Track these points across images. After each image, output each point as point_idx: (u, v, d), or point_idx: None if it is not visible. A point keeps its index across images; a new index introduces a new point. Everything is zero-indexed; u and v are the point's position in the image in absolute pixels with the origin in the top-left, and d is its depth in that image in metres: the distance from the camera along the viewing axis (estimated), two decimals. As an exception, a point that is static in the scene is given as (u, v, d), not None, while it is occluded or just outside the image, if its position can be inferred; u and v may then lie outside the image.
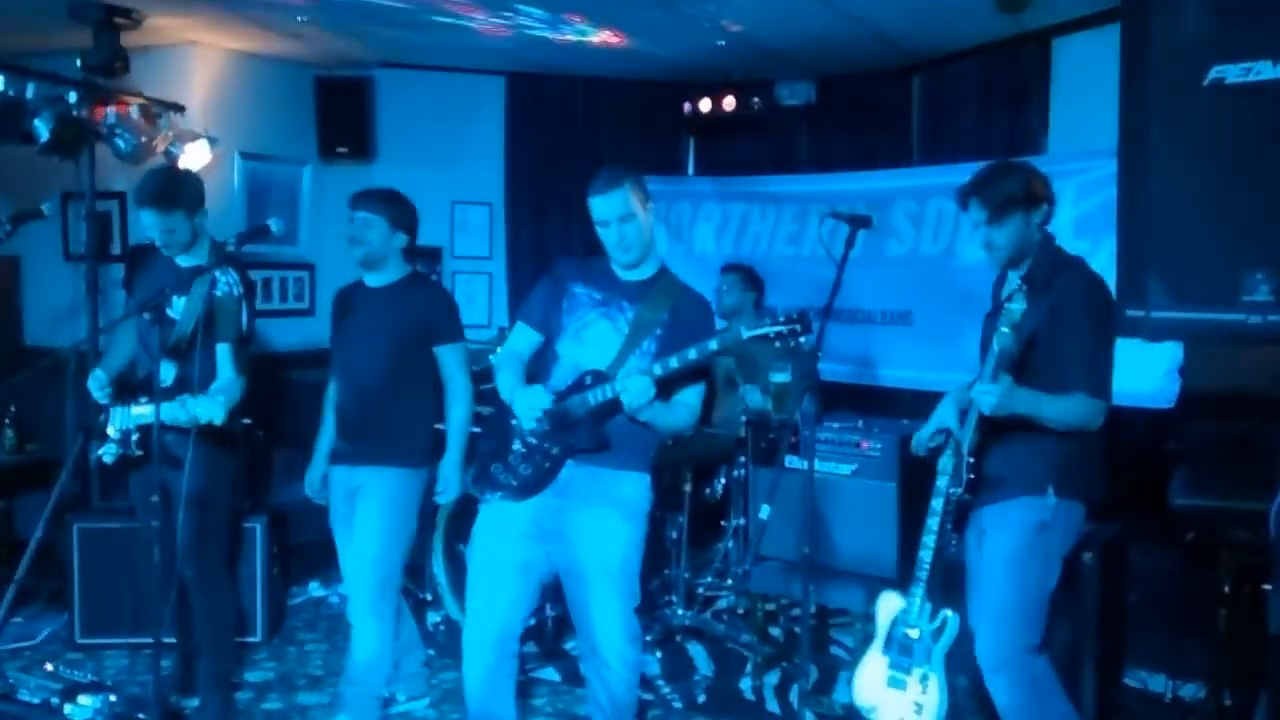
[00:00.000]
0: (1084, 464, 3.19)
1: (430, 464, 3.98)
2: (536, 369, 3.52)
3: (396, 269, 3.97)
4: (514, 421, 3.41)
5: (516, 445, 3.41)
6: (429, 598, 5.14)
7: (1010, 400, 3.02)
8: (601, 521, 3.36)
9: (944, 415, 3.36)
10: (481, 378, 4.56)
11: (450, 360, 3.97)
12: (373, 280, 3.98)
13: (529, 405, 3.32)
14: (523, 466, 3.39)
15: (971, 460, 3.22)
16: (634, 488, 3.42)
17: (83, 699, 3.92)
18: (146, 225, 3.86)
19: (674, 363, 3.21)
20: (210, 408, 3.36)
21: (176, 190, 3.85)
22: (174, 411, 3.41)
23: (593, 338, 3.43)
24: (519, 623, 3.48)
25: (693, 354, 3.19)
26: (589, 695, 3.62)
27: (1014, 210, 3.17)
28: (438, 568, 5.01)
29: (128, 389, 3.88)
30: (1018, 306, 2.96)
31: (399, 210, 3.93)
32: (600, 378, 3.33)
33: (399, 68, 6.71)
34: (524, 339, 3.55)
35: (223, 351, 3.80)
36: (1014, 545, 3.19)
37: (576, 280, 3.50)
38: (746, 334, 3.12)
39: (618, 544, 3.38)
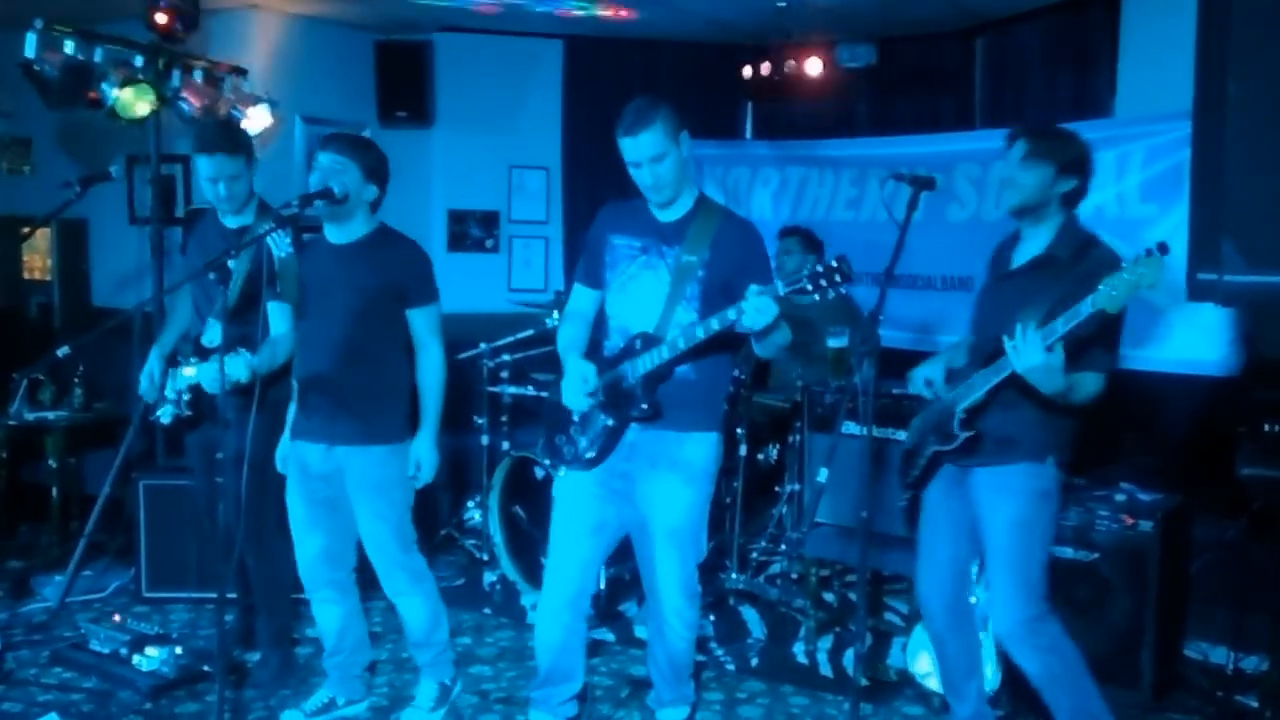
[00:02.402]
0: (1072, 436, 3.22)
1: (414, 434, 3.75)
2: (597, 331, 3.52)
3: (364, 223, 3.62)
4: None
5: (575, 415, 3.44)
6: (485, 558, 5.20)
7: (1049, 375, 2.91)
8: (666, 486, 3.39)
9: (932, 371, 3.38)
10: (539, 341, 4.55)
11: (423, 324, 3.64)
12: (336, 235, 3.62)
13: (574, 388, 3.34)
14: (583, 440, 3.41)
15: (964, 417, 3.18)
16: (699, 449, 3.41)
17: (150, 650, 4.05)
18: (206, 175, 3.85)
19: (715, 324, 3.14)
20: (234, 367, 3.35)
21: (238, 136, 3.90)
22: (209, 372, 3.51)
23: (636, 292, 3.40)
24: (593, 583, 3.56)
25: (732, 314, 3.09)
26: (649, 654, 3.71)
27: (1048, 162, 3.13)
28: (494, 528, 5.07)
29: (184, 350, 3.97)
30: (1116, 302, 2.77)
31: (374, 158, 3.60)
32: (650, 341, 3.31)
33: (457, 31, 6.71)
34: (583, 299, 3.55)
35: (283, 310, 3.79)
36: (1021, 514, 3.17)
37: (615, 230, 3.47)
38: (783, 289, 3.01)
39: (682, 507, 3.41)
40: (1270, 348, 4.27)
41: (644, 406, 3.31)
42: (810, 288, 3.00)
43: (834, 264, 3.00)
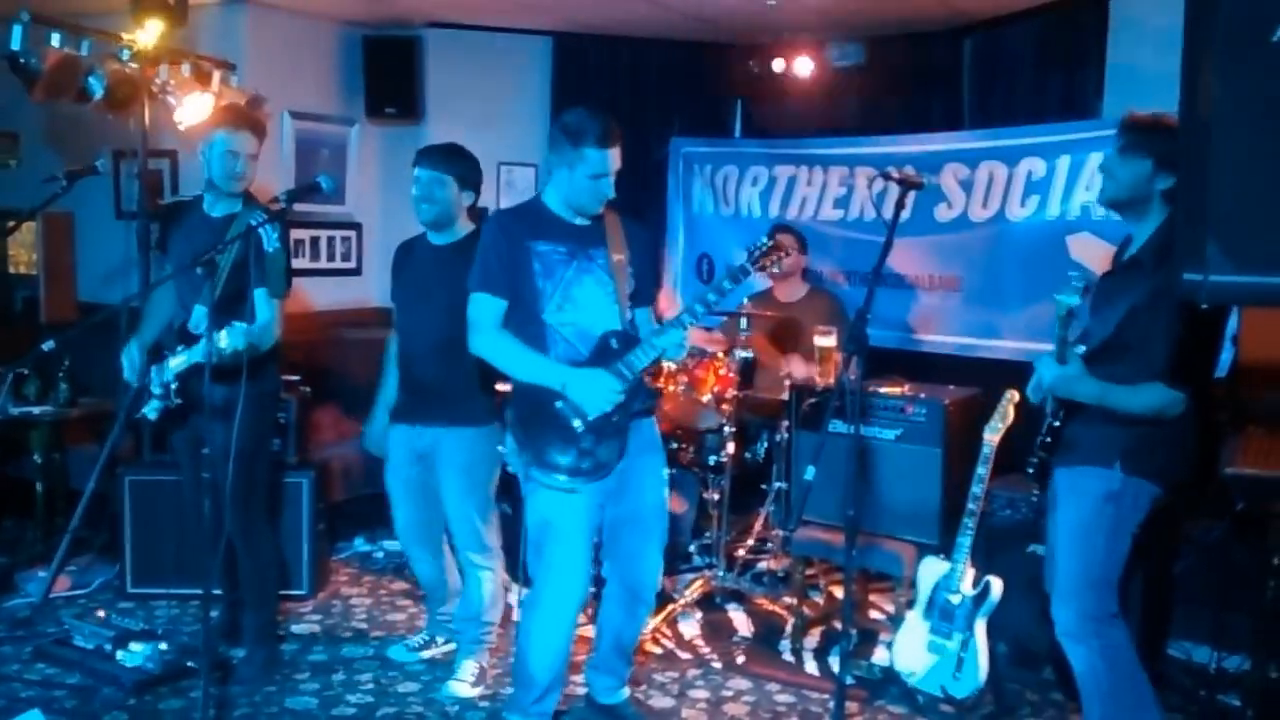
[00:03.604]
0: (1158, 444, 3.08)
1: (499, 420, 4.05)
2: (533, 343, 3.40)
3: (462, 227, 3.97)
4: (559, 404, 3.32)
5: (577, 424, 3.33)
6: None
7: (1070, 385, 3.01)
8: (653, 466, 3.56)
9: (1033, 380, 3.31)
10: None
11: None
12: (437, 238, 3.97)
13: (600, 394, 3.28)
14: (600, 449, 3.35)
15: (1056, 424, 3.18)
16: (656, 427, 3.61)
17: (134, 646, 4.05)
18: (228, 149, 3.88)
19: (700, 309, 3.34)
20: (231, 336, 3.37)
21: (261, 121, 4.06)
22: (198, 354, 3.52)
23: (584, 297, 3.40)
24: None
25: (712, 296, 3.33)
26: (608, 645, 3.76)
27: (1144, 155, 3.05)
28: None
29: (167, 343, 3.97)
30: (1066, 300, 2.98)
31: (467, 168, 3.92)
32: (627, 339, 3.37)
33: (446, 27, 6.70)
34: (497, 311, 3.38)
35: (266, 304, 3.84)
36: (1082, 515, 3.15)
37: (534, 237, 3.38)
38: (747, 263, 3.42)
39: (664, 482, 3.59)
40: (1254, 349, 4.29)
41: (646, 397, 3.47)
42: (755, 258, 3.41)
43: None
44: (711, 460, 4.97)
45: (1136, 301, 2.98)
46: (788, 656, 4.46)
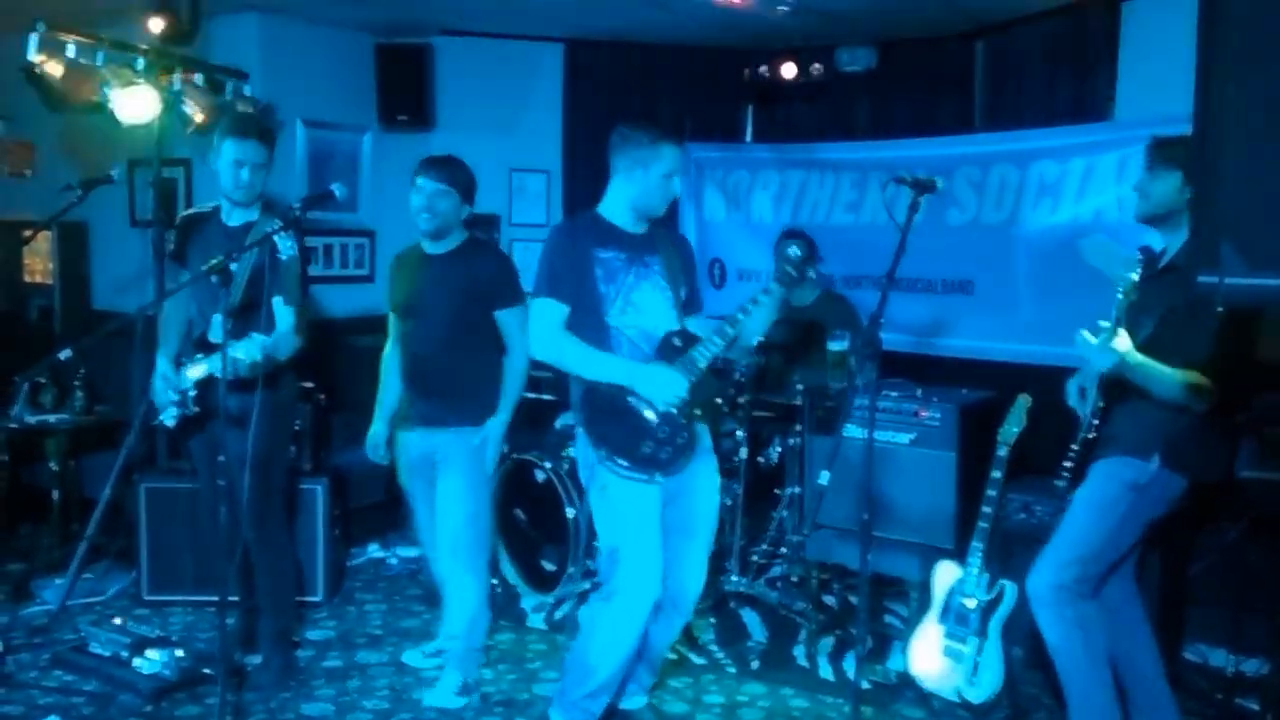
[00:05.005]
0: (1196, 441, 3.14)
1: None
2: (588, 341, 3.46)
3: (458, 235, 4.05)
4: (631, 399, 3.38)
5: (651, 416, 3.38)
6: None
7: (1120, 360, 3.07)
8: (709, 474, 3.59)
9: (1070, 384, 3.41)
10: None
11: (511, 323, 4.00)
12: (434, 248, 4.04)
13: (668, 386, 3.32)
14: (679, 436, 3.40)
15: (1096, 423, 3.24)
16: (708, 432, 3.62)
17: (151, 653, 4.06)
18: (234, 158, 3.85)
19: (754, 310, 3.36)
20: (248, 348, 3.40)
21: (269, 128, 4.05)
22: (216, 364, 3.52)
23: (645, 301, 3.48)
24: None
25: (762, 298, 3.35)
26: (649, 653, 3.69)
27: (1173, 168, 3.15)
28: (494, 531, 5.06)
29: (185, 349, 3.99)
30: (1130, 273, 3.10)
31: (467, 180, 4.02)
32: (689, 337, 3.43)
33: (458, 35, 6.72)
34: (562, 315, 3.43)
35: (285, 312, 3.86)
36: (1104, 494, 3.20)
37: (597, 244, 3.47)
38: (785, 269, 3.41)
39: (717, 492, 3.62)
40: (1270, 351, 4.27)
41: (717, 388, 3.51)
42: (796, 275, 3.40)
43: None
44: (725, 465, 4.97)
45: (1174, 304, 3.06)
46: (802, 661, 4.46)
